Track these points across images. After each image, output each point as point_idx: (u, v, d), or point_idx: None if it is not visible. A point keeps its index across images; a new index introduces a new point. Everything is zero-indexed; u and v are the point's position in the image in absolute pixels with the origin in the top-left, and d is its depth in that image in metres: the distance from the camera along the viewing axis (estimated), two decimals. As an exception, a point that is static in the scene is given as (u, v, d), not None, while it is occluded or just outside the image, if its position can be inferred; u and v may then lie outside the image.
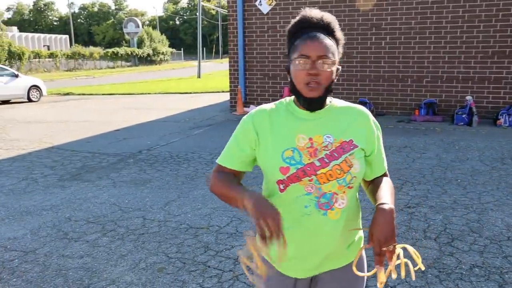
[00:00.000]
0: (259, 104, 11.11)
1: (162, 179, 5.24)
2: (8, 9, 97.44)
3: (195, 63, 30.53)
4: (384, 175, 1.39)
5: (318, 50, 1.21)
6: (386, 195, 1.25)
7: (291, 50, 1.28)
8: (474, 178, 5.00)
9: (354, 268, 1.26)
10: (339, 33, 1.29)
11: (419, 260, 1.19)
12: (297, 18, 1.28)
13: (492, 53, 8.77)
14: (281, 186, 1.25)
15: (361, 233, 1.44)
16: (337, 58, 1.25)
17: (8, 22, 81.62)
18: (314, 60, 1.20)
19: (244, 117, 1.36)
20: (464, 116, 8.44)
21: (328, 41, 1.24)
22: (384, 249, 1.13)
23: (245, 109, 10.71)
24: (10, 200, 4.60)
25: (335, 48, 1.25)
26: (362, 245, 1.40)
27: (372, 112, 8.00)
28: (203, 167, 5.75)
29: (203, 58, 43.33)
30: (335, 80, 1.28)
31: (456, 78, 9.07)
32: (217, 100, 13.97)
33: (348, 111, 1.35)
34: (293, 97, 1.35)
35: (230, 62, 11.04)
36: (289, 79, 1.31)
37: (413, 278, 1.20)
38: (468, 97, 8.66)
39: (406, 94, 9.51)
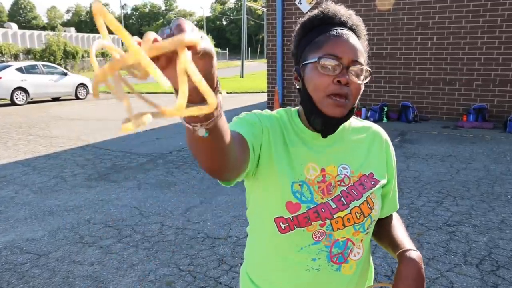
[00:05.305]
0: (296, 106, 10.81)
1: (187, 183, 5.11)
2: (68, 11, 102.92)
3: (240, 62, 30.59)
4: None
5: (352, 52, 0.90)
6: (405, 237, 0.99)
7: (307, 49, 0.95)
8: (527, 195, 4.49)
9: None
10: (366, 42, 0.99)
11: None
12: (317, 11, 0.98)
13: (553, 55, 7.99)
14: (282, 226, 0.95)
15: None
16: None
17: (67, 24, 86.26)
18: (347, 64, 0.90)
19: (248, 113, 0.99)
20: (519, 123, 7.75)
21: (361, 45, 0.94)
22: None
23: (282, 110, 10.46)
24: (36, 198, 4.63)
25: (366, 57, 0.95)
26: None
27: (415, 117, 7.43)
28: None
29: (248, 58, 43.44)
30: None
31: (510, 82, 8.34)
32: (257, 101, 13.81)
33: (365, 133, 1.06)
34: (295, 109, 1.04)
35: (268, 62, 10.84)
36: (298, 88, 0.98)
37: None
38: (525, 103, 7.94)
39: (454, 98, 8.87)
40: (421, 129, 8.23)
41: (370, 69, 0.92)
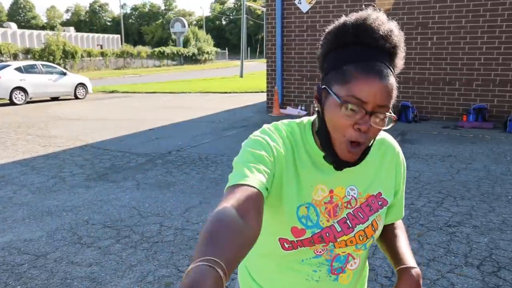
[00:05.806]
0: (296, 106, 10.87)
1: (187, 183, 5.09)
2: (67, 11, 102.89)
3: (239, 62, 30.55)
4: None
5: (380, 96, 0.80)
6: (407, 251, 0.99)
7: (334, 73, 0.85)
8: (527, 195, 4.47)
9: None
10: (400, 62, 0.87)
11: None
12: (354, 20, 0.84)
13: (553, 55, 7.97)
14: (286, 245, 0.96)
15: None
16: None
17: (67, 23, 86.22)
18: (371, 110, 0.81)
19: (257, 135, 0.93)
20: (519, 123, 7.73)
21: (393, 80, 0.83)
22: None
23: (282, 110, 10.45)
24: (35, 199, 4.61)
25: (396, 91, 0.85)
26: None
27: (415, 116, 7.38)
28: (230, 171, 5.54)
29: (247, 57, 43.46)
30: None
31: (510, 82, 8.33)
32: (256, 100, 13.80)
33: (377, 148, 1.01)
34: (309, 122, 0.98)
35: (267, 62, 10.82)
36: (317, 113, 0.91)
37: None
38: (525, 103, 7.92)
39: (454, 98, 8.86)
40: (421, 129, 8.21)
41: (396, 116, 0.85)
